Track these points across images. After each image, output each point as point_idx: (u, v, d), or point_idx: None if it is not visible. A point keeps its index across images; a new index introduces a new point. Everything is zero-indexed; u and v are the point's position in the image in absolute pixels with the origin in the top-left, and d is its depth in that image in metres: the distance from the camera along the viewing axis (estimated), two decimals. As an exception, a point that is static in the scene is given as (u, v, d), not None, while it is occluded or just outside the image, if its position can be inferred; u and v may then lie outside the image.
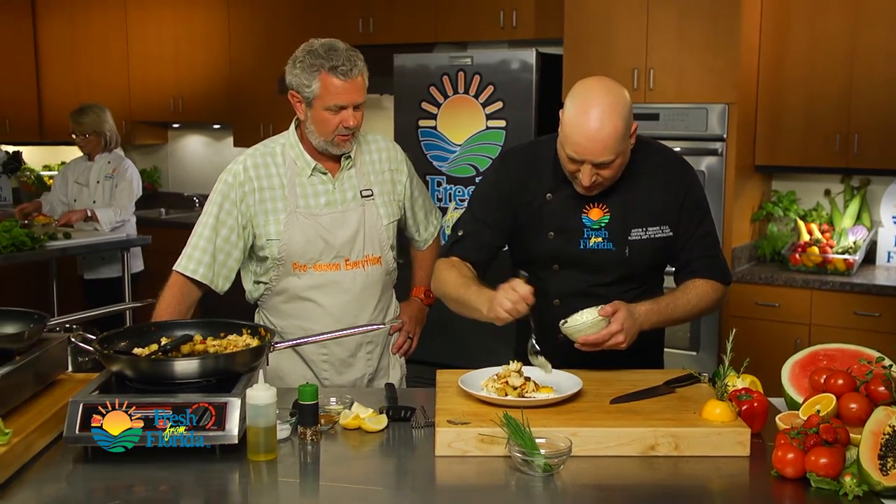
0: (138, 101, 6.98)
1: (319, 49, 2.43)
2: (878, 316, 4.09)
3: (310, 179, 2.54)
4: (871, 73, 4.29)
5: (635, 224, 2.35)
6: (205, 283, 2.52)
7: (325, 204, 2.54)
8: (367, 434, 2.06)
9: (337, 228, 2.53)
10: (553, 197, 2.36)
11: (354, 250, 2.56)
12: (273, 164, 2.55)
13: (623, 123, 2.17)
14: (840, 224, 4.65)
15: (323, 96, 2.43)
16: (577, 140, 2.17)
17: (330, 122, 2.45)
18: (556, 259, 2.38)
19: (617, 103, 2.17)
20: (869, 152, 4.33)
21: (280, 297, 2.60)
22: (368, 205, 2.58)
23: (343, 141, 2.49)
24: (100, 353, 2.04)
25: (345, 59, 2.41)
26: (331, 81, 2.41)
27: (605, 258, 2.36)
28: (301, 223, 2.51)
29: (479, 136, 4.84)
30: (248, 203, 2.52)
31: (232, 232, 2.52)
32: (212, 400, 1.90)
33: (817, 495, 1.72)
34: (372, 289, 2.62)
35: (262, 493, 1.84)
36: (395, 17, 5.63)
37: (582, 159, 2.19)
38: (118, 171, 5.33)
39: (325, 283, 2.56)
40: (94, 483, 1.82)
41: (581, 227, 2.35)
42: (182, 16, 6.69)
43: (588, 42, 4.61)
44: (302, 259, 2.53)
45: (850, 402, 1.92)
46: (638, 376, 2.26)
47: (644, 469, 1.87)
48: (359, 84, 2.44)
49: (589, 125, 2.15)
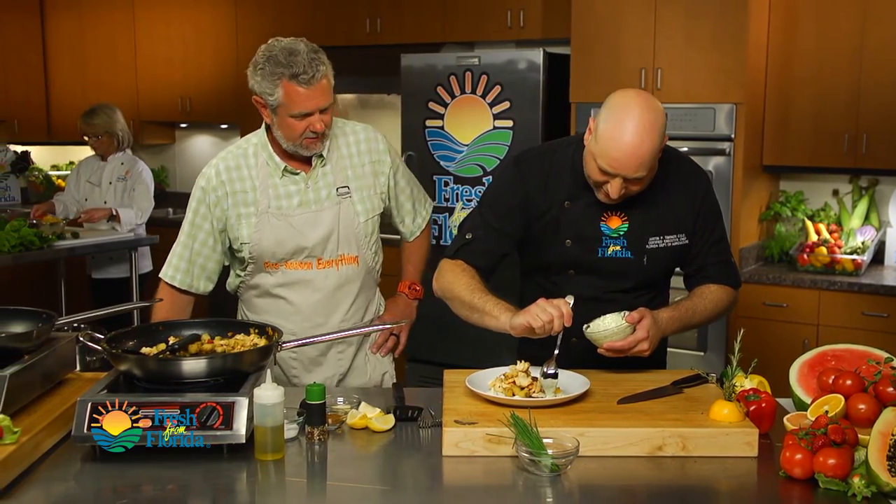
0: (146, 102, 7.00)
1: (280, 55, 2.35)
2: (886, 316, 4.08)
3: (282, 180, 2.51)
4: (880, 72, 4.28)
5: (653, 233, 2.34)
6: (183, 288, 2.56)
7: (297, 204, 2.50)
8: (375, 434, 2.06)
9: (309, 229, 2.50)
10: (571, 205, 2.34)
11: (327, 250, 2.53)
12: (245, 165, 2.52)
13: (659, 141, 2.16)
14: (848, 224, 4.63)
15: (286, 104, 2.37)
16: (613, 155, 2.13)
17: (296, 127, 2.40)
18: (573, 266, 2.38)
19: (656, 120, 2.15)
20: (877, 152, 4.32)
21: (254, 290, 2.61)
22: (345, 203, 2.53)
23: (311, 143, 2.44)
24: (108, 352, 2.04)
25: (306, 66, 2.33)
26: (293, 90, 2.35)
27: (622, 266, 2.35)
28: (272, 224, 2.49)
29: (487, 135, 4.84)
30: (222, 207, 2.51)
31: (209, 236, 2.54)
32: (219, 399, 1.90)
33: (825, 496, 1.72)
34: (346, 288, 2.58)
35: (269, 493, 1.84)
36: (402, 18, 5.64)
37: (616, 174, 2.16)
38: (132, 173, 5.33)
39: (296, 282, 2.54)
40: (102, 482, 1.82)
41: (600, 235, 2.34)
42: (190, 16, 6.70)
43: (595, 42, 4.60)
44: (273, 259, 2.52)
45: (859, 403, 1.92)
46: (645, 376, 2.26)
47: (651, 469, 1.87)
48: (323, 88, 2.37)
49: (627, 141, 2.11)
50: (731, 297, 2.44)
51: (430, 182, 4.98)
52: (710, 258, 2.41)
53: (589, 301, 2.32)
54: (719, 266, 2.42)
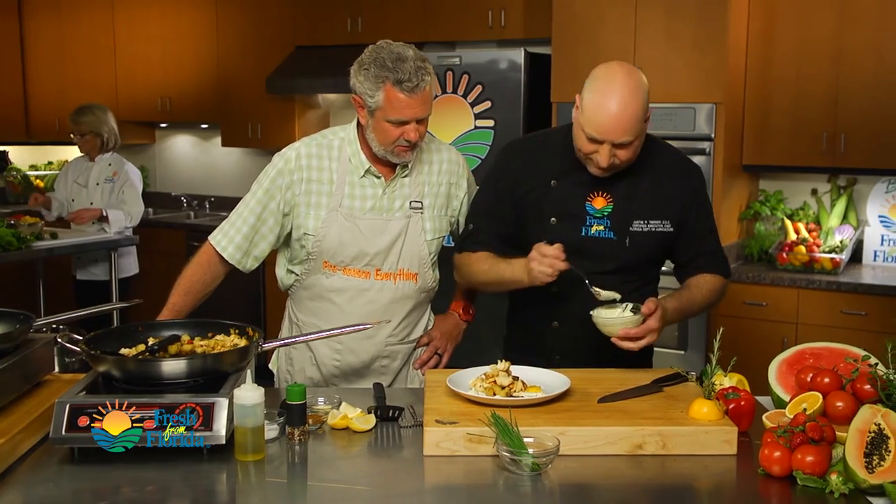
0: (126, 101, 6.96)
1: (387, 59, 2.32)
2: (864, 315, 4.11)
3: (361, 180, 2.47)
4: (858, 73, 4.32)
5: (637, 216, 2.39)
6: (232, 262, 2.50)
7: (370, 208, 2.46)
8: (355, 434, 2.05)
9: (375, 236, 2.46)
10: (558, 184, 2.40)
11: (388, 261, 2.48)
12: (328, 157, 2.49)
13: (642, 105, 2.23)
14: (827, 223, 4.67)
15: (385, 109, 2.33)
16: (599, 121, 2.21)
17: (391, 133, 2.36)
18: None
19: (638, 86, 2.23)
20: (855, 152, 4.36)
21: (307, 292, 2.55)
22: (415, 217, 2.49)
23: (403, 151, 2.40)
24: (86, 353, 2.03)
25: (412, 73, 2.30)
26: (395, 96, 2.31)
27: (605, 247, 2.39)
28: (339, 223, 2.45)
29: (468, 135, 4.84)
30: (293, 192, 2.47)
31: (271, 216, 2.48)
32: (199, 400, 1.89)
33: (804, 493, 1.73)
34: (399, 304, 2.53)
35: (249, 494, 1.83)
36: (383, 17, 5.63)
37: (603, 139, 2.23)
38: (119, 174, 5.30)
39: (352, 289, 2.49)
40: (81, 484, 1.81)
41: (584, 214, 2.39)
42: (170, 15, 6.67)
43: (576, 42, 4.62)
44: (333, 259, 2.47)
45: (837, 401, 1.93)
46: (625, 375, 2.27)
47: (631, 468, 1.88)
48: (424, 98, 2.34)
49: (612, 106, 2.20)
50: (723, 285, 2.51)
51: None
52: (702, 248, 2.48)
53: (574, 285, 2.35)
54: (710, 257, 2.49)
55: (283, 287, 2.63)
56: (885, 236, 4.62)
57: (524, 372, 2.19)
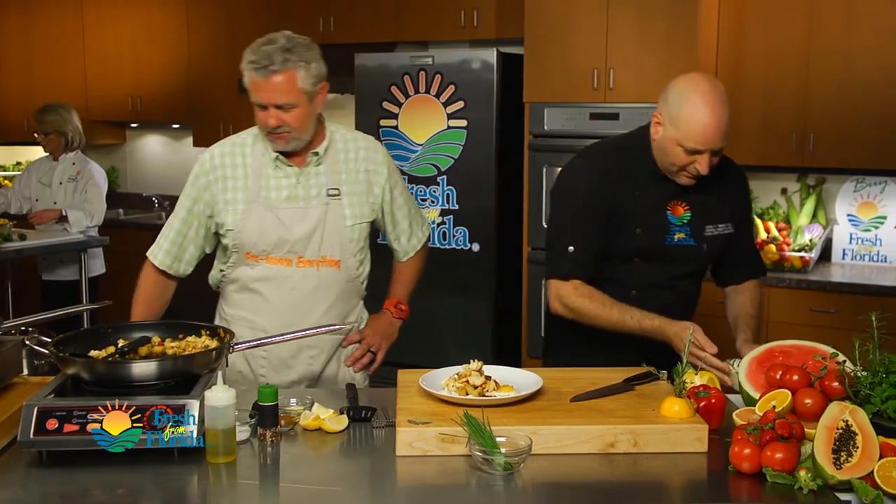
0: (96, 101, 6.89)
1: (255, 44, 2.40)
2: (833, 312, 4.15)
3: (275, 172, 2.52)
4: (827, 74, 4.36)
5: (711, 221, 2.54)
6: (163, 268, 2.59)
7: (286, 198, 2.51)
8: (328, 435, 2.05)
9: (294, 224, 2.50)
10: (640, 195, 2.48)
11: (309, 248, 2.52)
12: (241, 154, 2.55)
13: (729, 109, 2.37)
14: (796, 222, 4.72)
15: (250, 90, 2.41)
16: (700, 132, 2.32)
17: (259, 116, 2.44)
18: (639, 253, 2.51)
19: (724, 92, 2.37)
20: (824, 152, 4.41)
21: (233, 285, 2.60)
22: (333, 204, 2.53)
23: (275, 138, 2.45)
24: (55, 355, 2.01)
25: (265, 56, 2.35)
26: (251, 78, 2.38)
27: (686, 252, 2.52)
28: (259, 213, 2.49)
29: (441, 135, 4.84)
30: (212, 192, 2.53)
31: (196, 219, 2.57)
32: (170, 402, 1.88)
33: (773, 490, 1.74)
34: (323, 291, 2.57)
35: (221, 496, 1.82)
36: (355, 17, 5.62)
37: (706, 149, 2.34)
38: (83, 173, 5.26)
39: (274, 277, 2.53)
40: (49, 488, 1.79)
41: (667, 223, 2.50)
42: (140, 14, 6.61)
43: (548, 42, 4.63)
44: (255, 249, 2.52)
45: (805, 398, 1.95)
46: (597, 374, 2.28)
47: (604, 466, 1.89)
48: (279, 84, 2.36)
49: (710, 117, 2.31)
50: (761, 288, 2.74)
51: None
52: (745, 249, 2.68)
53: (652, 287, 2.51)
54: (752, 257, 2.73)
55: (214, 285, 2.69)
56: (854, 235, 4.68)
57: (497, 371, 2.20)
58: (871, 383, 1.92)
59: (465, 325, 4.87)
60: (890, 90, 4.24)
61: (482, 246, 4.82)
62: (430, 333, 4.90)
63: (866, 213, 4.67)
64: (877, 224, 4.65)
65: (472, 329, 4.85)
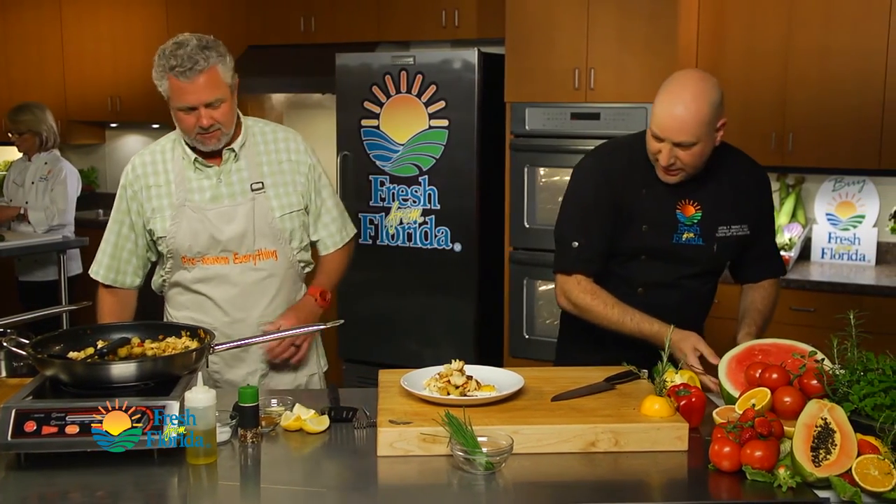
0: (74, 101, 6.83)
1: (168, 48, 2.38)
2: (812, 311, 4.18)
3: (195, 174, 2.51)
4: (805, 74, 4.39)
5: (723, 221, 2.51)
6: (107, 283, 2.60)
7: (210, 199, 2.50)
8: (309, 435, 2.04)
9: (224, 224, 2.49)
10: (647, 192, 2.47)
11: (244, 245, 2.52)
12: (161, 160, 2.55)
13: (708, 110, 2.31)
14: (776, 221, 4.74)
15: (172, 98, 2.41)
16: (661, 119, 2.33)
17: (185, 121, 2.42)
18: (646, 251, 2.50)
19: (706, 90, 2.33)
20: (803, 151, 4.44)
21: (175, 289, 2.61)
22: (259, 198, 2.52)
23: (206, 139, 2.45)
24: (33, 357, 1.99)
25: (185, 59, 2.34)
26: (174, 83, 2.37)
27: (694, 252, 2.51)
28: (188, 217, 2.49)
29: (422, 135, 4.84)
30: (139, 201, 2.54)
31: (130, 231, 2.58)
32: (150, 403, 1.87)
33: (752, 487, 1.75)
34: (265, 282, 2.56)
35: (201, 497, 1.81)
36: (336, 17, 5.61)
37: (663, 137, 2.33)
38: (53, 172, 5.25)
39: (213, 277, 2.53)
40: (28, 490, 1.78)
41: (675, 222, 2.48)
42: (119, 13, 6.57)
43: (529, 42, 4.64)
44: (189, 253, 2.52)
45: (784, 396, 1.96)
46: (579, 373, 2.28)
47: (585, 465, 1.89)
48: (204, 83, 2.36)
49: (674, 104, 2.31)
50: (777, 287, 2.70)
51: (366, 182, 4.96)
52: (766, 250, 2.65)
53: (658, 286, 2.51)
54: (772, 258, 2.68)
55: (156, 289, 2.70)
56: (833, 234, 4.71)
57: (478, 371, 2.20)
58: (850, 381, 1.94)
59: (447, 325, 4.87)
60: (868, 91, 4.28)
61: (464, 246, 4.82)
62: (411, 333, 4.90)
63: (845, 212, 4.71)
64: (855, 223, 4.68)
65: (454, 329, 4.85)
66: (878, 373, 1.93)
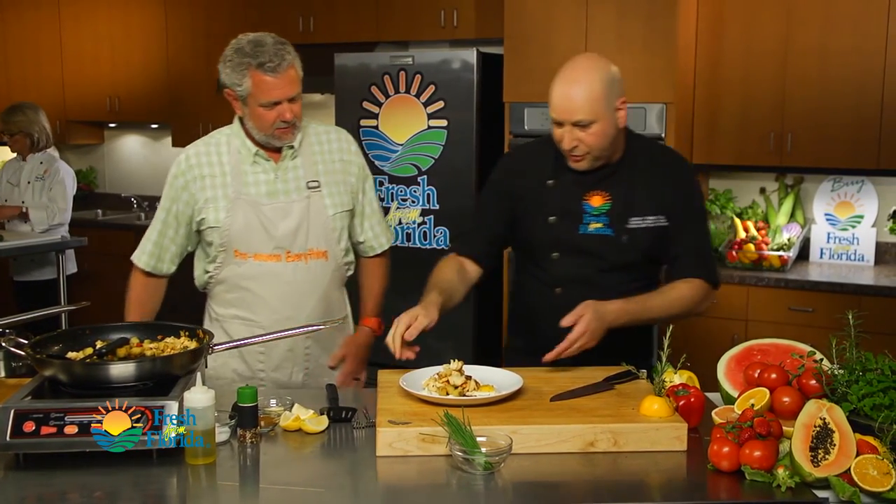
0: (73, 101, 6.84)
1: (246, 46, 2.43)
2: (811, 311, 4.19)
3: (253, 167, 2.54)
4: (804, 74, 4.39)
5: (636, 212, 2.42)
6: (147, 270, 2.60)
7: (265, 193, 2.54)
8: (308, 435, 2.04)
9: (279, 219, 2.53)
10: (554, 183, 2.45)
11: (296, 243, 2.55)
12: (216, 152, 2.57)
13: (601, 86, 2.29)
14: (775, 221, 4.75)
15: (255, 94, 2.43)
16: (555, 101, 2.31)
17: (266, 117, 2.45)
18: (556, 245, 2.46)
19: (597, 67, 2.33)
20: (802, 151, 4.44)
21: (222, 285, 2.61)
22: (314, 196, 2.57)
23: (283, 133, 2.50)
24: (32, 357, 1.99)
25: (272, 55, 2.40)
26: (261, 79, 2.41)
27: (602, 244, 2.43)
28: (244, 210, 2.52)
29: (421, 135, 4.84)
30: (190, 191, 2.55)
31: (175, 220, 2.58)
32: (148, 403, 1.87)
33: (751, 487, 1.75)
34: (314, 283, 2.59)
35: (200, 498, 1.81)
36: (335, 17, 5.61)
37: (561, 119, 2.30)
38: (49, 172, 5.24)
39: (265, 274, 2.55)
40: (27, 490, 1.78)
41: (581, 212, 2.43)
42: (118, 13, 6.57)
43: (528, 42, 4.64)
44: (243, 247, 2.54)
45: (783, 396, 1.96)
46: (578, 373, 2.29)
47: (584, 465, 1.89)
48: (290, 77, 2.43)
49: (566, 85, 2.30)
50: (701, 292, 2.46)
51: None
52: (686, 246, 2.46)
53: (574, 283, 2.44)
54: (693, 257, 2.47)
55: (200, 286, 2.70)
56: (831, 234, 4.72)
57: (477, 371, 2.20)
58: (848, 381, 1.94)
59: (446, 325, 4.83)
60: (867, 91, 4.28)
61: (463, 246, 4.81)
62: (410, 333, 4.89)
63: (844, 212, 4.71)
64: (854, 223, 4.68)
65: (453, 329, 4.85)
66: (877, 373, 1.93)
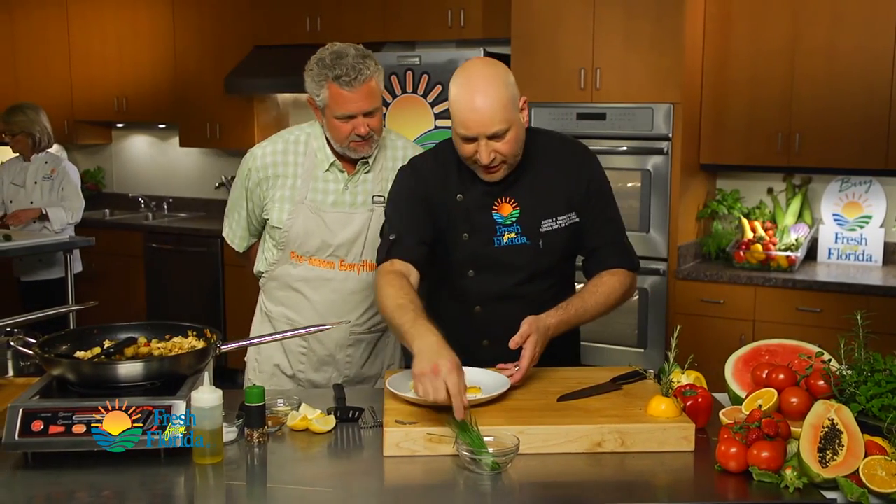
0: (81, 101, 6.86)
1: (328, 58, 2.43)
2: (819, 311, 4.17)
3: (325, 174, 2.56)
4: (811, 74, 4.38)
5: (546, 214, 2.34)
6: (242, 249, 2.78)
7: (331, 203, 2.55)
8: (315, 435, 2.04)
9: (339, 228, 2.55)
10: (463, 198, 2.34)
11: (352, 253, 2.57)
12: (293, 152, 2.59)
13: (506, 91, 2.18)
14: (782, 222, 4.74)
15: (332, 106, 2.43)
16: (465, 116, 2.18)
17: (342, 129, 2.45)
18: (472, 263, 2.36)
19: (496, 74, 2.20)
20: (810, 151, 4.43)
21: (276, 282, 2.66)
22: (378, 210, 2.55)
23: (358, 146, 2.49)
24: (40, 356, 2.00)
25: (350, 68, 2.39)
26: (337, 91, 2.41)
27: (519, 254, 2.34)
28: (305, 214, 2.54)
29: (428, 135, 4.84)
30: (262, 188, 2.60)
31: (246, 210, 2.68)
32: (156, 403, 1.87)
33: (759, 488, 1.75)
34: (364, 293, 2.60)
35: (208, 497, 1.82)
36: (342, 17, 5.61)
37: (474, 135, 2.18)
38: (57, 171, 5.25)
39: (317, 278, 2.58)
40: (35, 490, 1.78)
41: (493, 224, 2.33)
42: (125, 14, 6.58)
43: (535, 42, 4.64)
44: (300, 250, 2.57)
45: (791, 397, 1.96)
46: (584, 374, 2.28)
47: (591, 465, 1.89)
48: (366, 92, 2.42)
49: (473, 97, 2.16)
50: (627, 281, 2.40)
51: None
52: (602, 239, 2.39)
53: (493, 300, 2.36)
54: (612, 248, 2.40)
55: (255, 273, 2.76)
56: (839, 234, 4.70)
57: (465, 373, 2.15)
58: (857, 382, 1.93)
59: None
60: (875, 90, 4.27)
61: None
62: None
63: (851, 212, 4.70)
64: (862, 223, 4.67)
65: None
66: (886, 373, 1.92)
